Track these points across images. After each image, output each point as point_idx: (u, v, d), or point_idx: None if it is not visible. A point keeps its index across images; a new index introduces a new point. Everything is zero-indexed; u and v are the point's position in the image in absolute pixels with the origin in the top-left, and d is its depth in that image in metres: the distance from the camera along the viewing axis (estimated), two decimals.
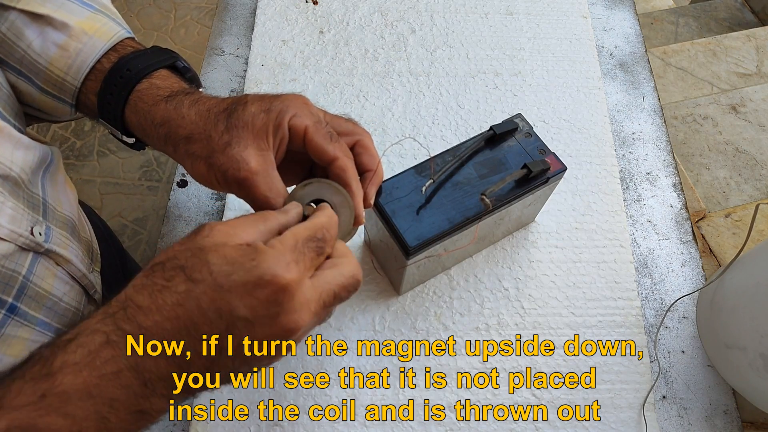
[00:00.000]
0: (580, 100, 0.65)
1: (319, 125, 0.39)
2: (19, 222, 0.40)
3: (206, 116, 0.39)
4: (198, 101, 0.40)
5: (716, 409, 0.50)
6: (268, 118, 0.38)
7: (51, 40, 0.42)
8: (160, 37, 1.89)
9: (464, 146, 0.47)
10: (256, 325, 0.29)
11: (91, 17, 0.44)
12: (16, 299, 0.41)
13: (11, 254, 0.40)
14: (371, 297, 0.53)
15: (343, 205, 0.39)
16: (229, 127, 0.38)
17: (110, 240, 0.67)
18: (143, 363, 0.29)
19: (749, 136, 1.01)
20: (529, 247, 0.56)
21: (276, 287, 0.29)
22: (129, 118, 0.42)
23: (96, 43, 0.43)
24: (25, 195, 0.42)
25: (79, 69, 0.43)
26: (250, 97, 0.40)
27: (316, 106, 0.41)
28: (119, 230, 1.51)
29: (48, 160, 0.46)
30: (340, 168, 0.39)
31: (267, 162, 0.38)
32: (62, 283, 0.46)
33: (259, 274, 0.29)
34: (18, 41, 0.42)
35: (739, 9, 1.40)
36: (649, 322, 0.54)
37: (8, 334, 0.41)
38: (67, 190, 0.51)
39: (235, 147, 0.37)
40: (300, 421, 0.47)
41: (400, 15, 0.71)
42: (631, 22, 0.74)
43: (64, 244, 0.46)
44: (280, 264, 0.30)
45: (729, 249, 0.75)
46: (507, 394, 0.49)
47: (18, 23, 0.42)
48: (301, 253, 0.31)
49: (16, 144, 0.41)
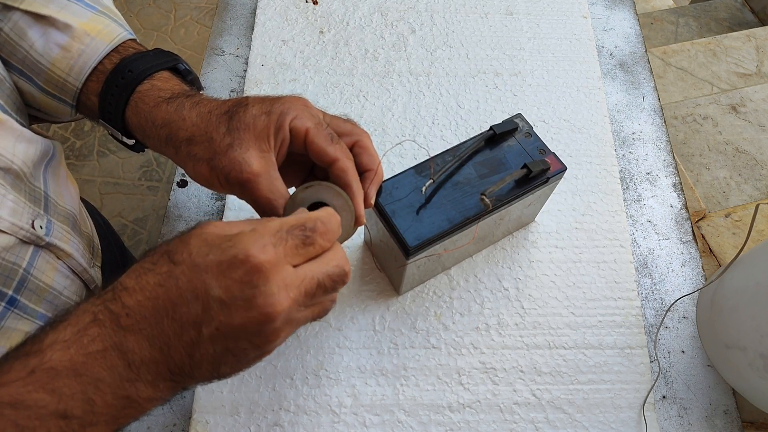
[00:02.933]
0: (580, 100, 0.65)
1: (320, 127, 0.39)
2: (20, 215, 0.40)
3: (207, 118, 0.39)
4: (199, 103, 0.40)
5: (716, 409, 0.50)
6: (269, 120, 0.38)
7: (54, 41, 0.42)
8: (160, 37, 1.89)
9: (464, 146, 0.47)
10: (231, 306, 0.29)
11: (94, 18, 0.44)
12: (16, 292, 0.41)
13: (12, 247, 0.40)
14: (371, 297, 0.53)
15: (344, 207, 0.39)
16: (230, 129, 0.38)
17: (111, 237, 0.67)
18: (126, 343, 0.29)
19: (749, 136, 1.01)
20: (529, 247, 0.56)
21: (249, 267, 0.29)
22: (130, 119, 0.42)
23: (98, 45, 0.43)
24: (26, 188, 0.42)
25: (81, 70, 0.43)
26: (251, 99, 0.40)
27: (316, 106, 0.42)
28: (119, 230, 1.51)
29: (50, 153, 0.46)
30: (341, 169, 0.39)
31: (269, 164, 0.38)
32: (63, 276, 0.46)
33: (233, 254, 0.29)
34: (21, 41, 0.42)
35: (739, 9, 1.40)
36: (649, 322, 0.54)
37: (8, 326, 0.41)
38: (69, 184, 0.51)
39: (237, 149, 0.38)
40: (300, 421, 0.47)
41: (400, 15, 0.71)
42: (631, 22, 0.74)
43: (65, 238, 0.46)
44: (256, 244, 0.29)
45: (729, 249, 0.75)
46: (507, 394, 0.49)
47: (21, 23, 0.42)
48: (282, 238, 0.31)
49: (18, 137, 0.41)
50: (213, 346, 0.30)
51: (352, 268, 0.54)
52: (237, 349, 0.30)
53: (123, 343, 0.29)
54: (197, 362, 0.30)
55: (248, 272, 0.29)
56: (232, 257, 0.29)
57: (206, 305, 0.29)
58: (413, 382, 0.49)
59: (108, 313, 0.29)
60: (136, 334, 0.29)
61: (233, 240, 0.30)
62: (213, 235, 0.31)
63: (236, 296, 0.29)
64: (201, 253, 0.30)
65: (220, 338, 0.30)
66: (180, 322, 0.29)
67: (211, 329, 0.29)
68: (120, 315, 0.29)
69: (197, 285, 0.29)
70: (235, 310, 0.29)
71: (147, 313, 0.29)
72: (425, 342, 0.51)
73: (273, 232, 0.31)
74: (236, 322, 0.29)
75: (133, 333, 0.29)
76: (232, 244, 0.29)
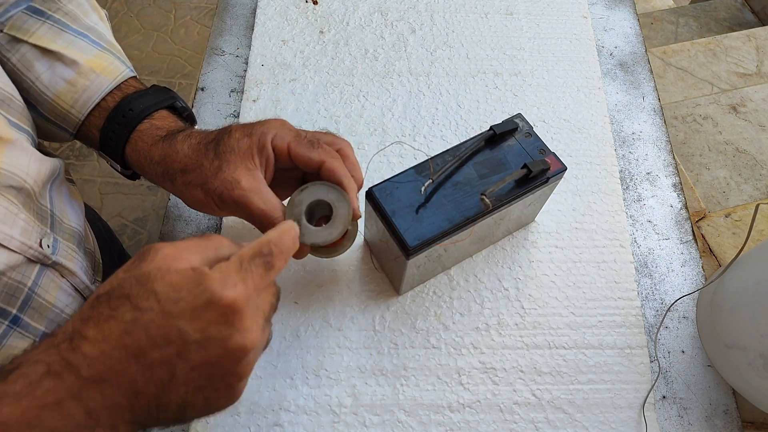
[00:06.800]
0: (580, 100, 0.65)
1: (299, 138, 0.43)
2: (30, 234, 0.41)
3: (197, 148, 0.43)
4: (190, 136, 0.44)
5: (716, 409, 0.50)
6: (251, 141, 0.42)
7: (60, 75, 0.45)
8: (160, 37, 1.89)
9: (464, 146, 0.47)
10: (209, 346, 0.29)
11: (99, 55, 0.47)
12: (20, 311, 0.41)
13: (19, 266, 0.40)
14: (371, 297, 0.53)
15: (340, 200, 0.42)
16: (218, 153, 0.42)
17: (111, 243, 0.67)
18: (87, 392, 0.28)
19: (749, 136, 1.01)
20: (529, 247, 0.56)
21: (224, 307, 0.29)
22: (129, 156, 0.45)
23: (102, 81, 0.46)
24: (35, 207, 0.43)
25: (85, 104, 0.45)
26: (234, 127, 0.44)
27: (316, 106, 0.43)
28: (119, 230, 1.51)
29: (57, 172, 0.47)
30: (329, 170, 0.42)
31: (257, 179, 0.42)
32: (65, 295, 0.47)
33: (207, 298, 0.29)
34: (27, 72, 0.45)
35: (739, 9, 1.40)
36: (649, 322, 0.54)
37: (9, 345, 0.41)
38: (73, 201, 0.51)
39: (226, 170, 0.41)
40: (300, 421, 0.47)
41: (400, 15, 0.71)
42: (631, 22, 0.74)
43: (70, 256, 0.47)
44: (227, 285, 0.30)
45: (729, 249, 0.75)
46: (507, 394, 0.49)
47: (29, 56, 0.44)
48: (248, 271, 0.31)
49: (31, 156, 0.42)
50: (185, 386, 0.30)
51: (352, 268, 0.54)
52: (209, 388, 0.31)
53: (83, 393, 0.28)
54: (164, 405, 0.30)
55: (224, 313, 0.29)
56: (206, 301, 0.29)
57: (181, 348, 0.29)
58: (413, 382, 0.49)
59: (65, 364, 0.28)
60: (100, 383, 0.28)
61: (203, 284, 0.29)
62: (177, 276, 0.30)
63: (213, 336, 0.29)
64: (170, 299, 0.29)
65: (194, 377, 0.30)
66: (149, 365, 0.29)
67: (186, 368, 0.29)
68: (80, 366, 0.28)
69: (170, 332, 0.29)
70: (212, 348, 0.29)
71: (112, 363, 0.28)
72: (425, 342, 0.51)
73: (237, 268, 0.31)
74: (213, 359, 0.30)
75: (96, 383, 0.28)
76: (203, 288, 0.29)
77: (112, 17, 1.93)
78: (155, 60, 1.84)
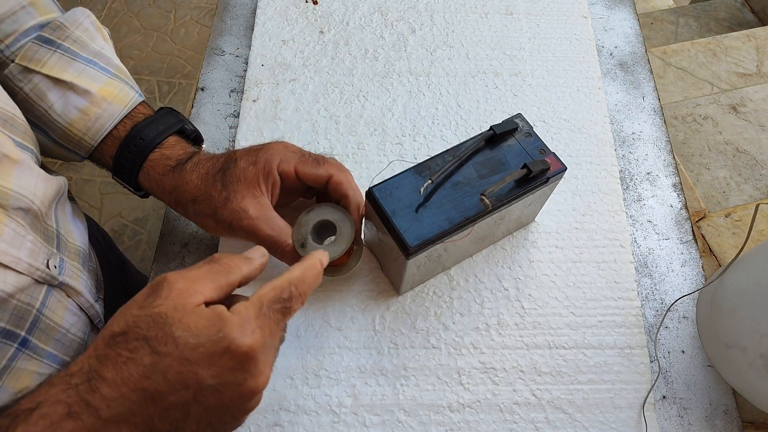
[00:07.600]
0: (580, 100, 0.65)
1: (305, 158, 0.45)
2: (37, 255, 0.41)
3: (205, 178, 0.45)
4: (198, 164, 0.46)
5: (716, 409, 0.50)
6: (256, 170, 0.44)
7: (72, 104, 0.46)
8: (160, 37, 1.89)
9: (464, 146, 0.47)
10: (223, 391, 0.30)
11: (109, 83, 0.48)
12: (29, 333, 0.41)
13: (27, 288, 0.40)
14: (371, 297, 0.53)
15: (344, 219, 0.45)
16: (225, 184, 0.44)
17: (110, 253, 0.67)
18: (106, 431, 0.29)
19: (749, 136, 1.01)
20: (529, 247, 0.56)
21: (241, 355, 0.30)
22: (142, 183, 0.48)
23: (114, 109, 0.48)
24: (41, 227, 0.43)
25: (98, 132, 0.47)
26: (239, 154, 0.45)
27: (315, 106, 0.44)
28: (119, 230, 1.51)
29: (62, 191, 0.47)
30: (336, 183, 0.45)
31: (264, 206, 0.44)
32: (71, 314, 0.47)
33: (225, 345, 0.30)
34: (40, 102, 0.46)
35: (739, 9, 1.40)
36: (649, 322, 0.54)
37: (18, 367, 0.41)
38: (77, 219, 0.52)
39: (234, 200, 0.43)
40: (300, 421, 0.47)
41: (400, 15, 0.71)
42: (631, 22, 0.74)
43: (75, 276, 0.47)
44: (245, 333, 0.31)
45: (729, 249, 0.75)
46: (507, 394, 0.49)
47: (41, 86, 0.46)
48: (266, 316, 0.32)
49: (37, 176, 0.42)
50: (198, 423, 0.31)
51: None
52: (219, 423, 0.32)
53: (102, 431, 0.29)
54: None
55: (240, 360, 0.30)
56: (224, 349, 0.30)
57: (197, 393, 0.30)
58: (413, 382, 0.49)
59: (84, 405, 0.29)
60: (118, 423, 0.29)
61: (223, 330, 0.30)
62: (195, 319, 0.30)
63: (228, 381, 0.30)
64: (188, 345, 0.30)
65: (206, 416, 0.31)
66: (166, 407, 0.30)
67: (200, 409, 0.30)
68: (100, 408, 0.29)
69: (188, 377, 0.29)
70: (226, 392, 0.31)
71: (130, 404, 0.29)
72: (425, 342, 0.51)
73: (256, 315, 0.32)
74: (227, 401, 0.31)
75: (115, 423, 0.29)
76: (222, 336, 0.30)
77: (112, 17, 1.93)
78: (155, 60, 1.84)
